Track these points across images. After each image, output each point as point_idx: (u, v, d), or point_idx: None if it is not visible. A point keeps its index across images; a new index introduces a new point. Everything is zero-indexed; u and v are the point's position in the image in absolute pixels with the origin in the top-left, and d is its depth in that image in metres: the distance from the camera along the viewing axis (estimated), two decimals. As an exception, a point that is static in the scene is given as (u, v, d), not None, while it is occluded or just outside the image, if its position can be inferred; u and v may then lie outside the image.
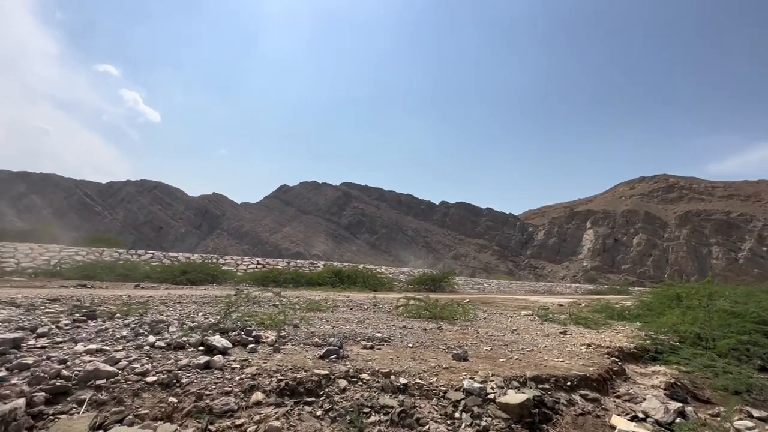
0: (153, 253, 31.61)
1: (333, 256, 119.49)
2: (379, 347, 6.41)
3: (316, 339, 6.45)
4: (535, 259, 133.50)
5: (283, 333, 6.57)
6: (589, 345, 8.06)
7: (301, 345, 6.08)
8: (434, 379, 4.95)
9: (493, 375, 5.27)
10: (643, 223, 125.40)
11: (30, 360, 4.28)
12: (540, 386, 5.23)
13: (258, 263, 33.32)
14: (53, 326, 6.09)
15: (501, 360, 6.22)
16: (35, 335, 5.47)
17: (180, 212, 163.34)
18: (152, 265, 27.56)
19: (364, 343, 6.56)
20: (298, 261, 37.85)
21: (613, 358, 7.20)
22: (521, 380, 5.25)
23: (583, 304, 18.92)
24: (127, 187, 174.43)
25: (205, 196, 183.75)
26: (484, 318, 12.14)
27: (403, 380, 4.79)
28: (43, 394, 3.64)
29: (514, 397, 4.63)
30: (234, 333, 6.00)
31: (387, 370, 5.03)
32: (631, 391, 6.02)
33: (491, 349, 7.03)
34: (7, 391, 3.60)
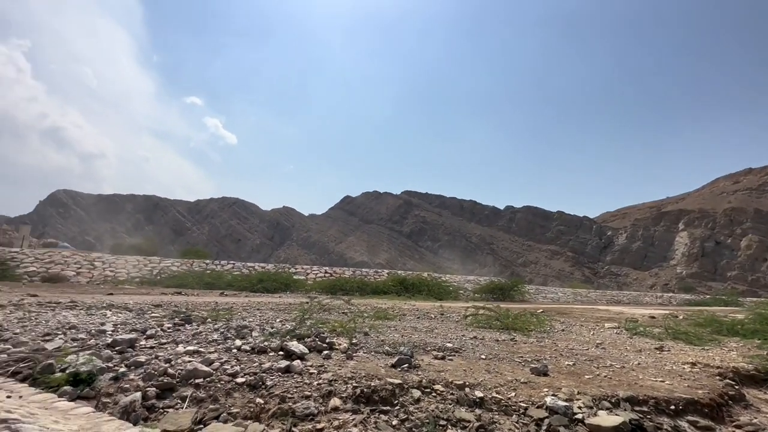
0: (234, 264, 34.61)
1: (396, 265, 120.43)
2: (450, 358, 6.26)
3: (387, 347, 6.49)
4: (617, 265, 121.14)
5: (354, 340, 6.73)
6: (693, 364, 7.04)
7: (373, 353, 6.16)
8: (512, 394, 4.69)
9: (579, 393, 4.84)
10: (753, 222, 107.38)
11: (142, 358, 4.89)
12: (636, 408, 4.67)
13: (326, 272, 34.75)
14: (159, 329, 6.93)
15: (587, 377, 5.70)
16: (145, 336, 6.26)
17: (255, 225, 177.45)
18: (233, 275, 30.16)
19: (434, 353, 6.46)
20: (363, 270, 38.75)
21: (728, 381, 6.20)
22: (613, 400, 4.75)
23: (681, 317, 16.65)
24: (211, 205, 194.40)
25: (276, 210, 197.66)
26: (562, 330, 11.27)
27: (479, 393, 4.61)
28: (154, 389, 4.13)
29: (606, 419, 4.19)
30: (309, 339, 6.28)
31: (461, 382, 4.88)
32: (755, 420, 5.11)
33: (574, 364, 6.48)
34: (127, 385, 4.15)
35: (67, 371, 4.29)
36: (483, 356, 6.57)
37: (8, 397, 3.66)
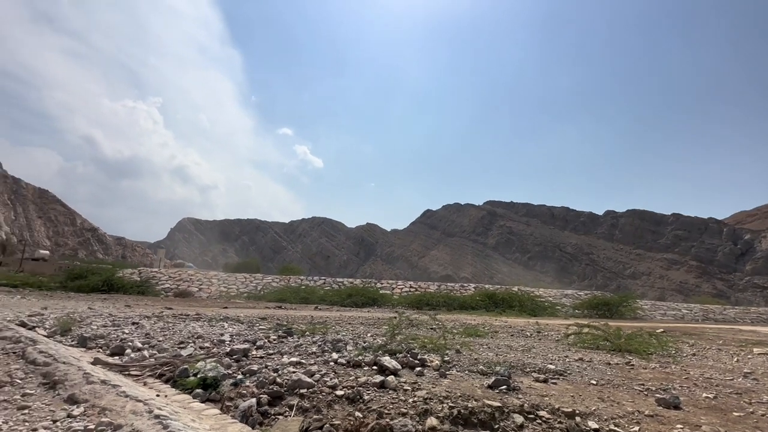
0: (324, 279, 36.83)
1: (482, 278, 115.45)
2: (554, 381, 5.71)
3: (481, 366, 6.19)
4: (762, 276, 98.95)
5: (446, 358, 6.57)
6: None
7: (466, 372, 5.93)
8: (636, 429, 4.07)
9: (726, 433, 4.00)
10: None
11: (255, 367, 5.43)
12: (816, 460, 3.68)
13: (411, 286, 34.86)
14: (266, 340, 7.65)
15: (735, 414, 4.70)
16: (256, 347, 6.95)
17: (342, 242, 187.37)
18: (325, 290, 32.06)
19: (535, 374, 5.96)
20: (448, 284, 37.94)
21: None
22: (778, 447, 3.81)
23: None
24: (302, 225, 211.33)
25: (360, 227, 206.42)
26: (693, 354, 9.52)
27: (593, 424, 4.10)
28: (266, 396, 4.53)
29: (770, 469, 3.37)
30: (401, 355, 6.31)
31: (570, 409, 4.40)
32: None
33: (714, 396, 5.41)
34: (245, 391, 4.63)
35: (198, 376, 4.97)
36: (593, 381, 5.86)
37: (157, 395, 4.36)
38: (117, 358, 6.16)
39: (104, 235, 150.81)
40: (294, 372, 5.18)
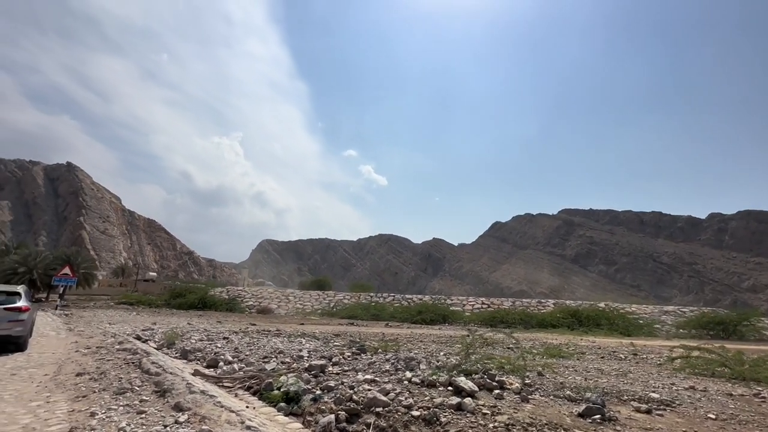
0: (394, 296, 36.98)
1: (561, 293, 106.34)
2: (659, 412, 4.99)
3: (568, 391, 5.66)
4: None
5: (527, 380, 6.13)
6: None
7: (551, 397, 5.45)
8: (776, 477, 3.36)
9: None
10: None
11: (332, 383, 5.59)
12: None
13: (483, 303, 33.42)
14: (341, 357, 7.86)
15: None
16: (332, 363, 7.17)
17: (409, 258, 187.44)
18: (394, 306, 32.15)
19: (634, 403, 5.28)
20: (524, 300, 35.65)
21: None
22: None
23: None
24: (370, 242, 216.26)
25: (427, 242, 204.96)
26: None
27: (715, 467, 3.48)
28: (344, 413, 4.62)
29: None
30: (477, 376, 6.03)
31: (683, 447, 3.79)
32: None
33: None
34: (324, 407, 4.78)
35: (281, 390, 5.25)
36: (711, 415, 5.00)
37: (247, 407, 4.69)
38: (212, 370, 6.78)
39: (198, 257, 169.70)
40: (369, 390, 5.23)
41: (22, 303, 8.05)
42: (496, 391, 5.43)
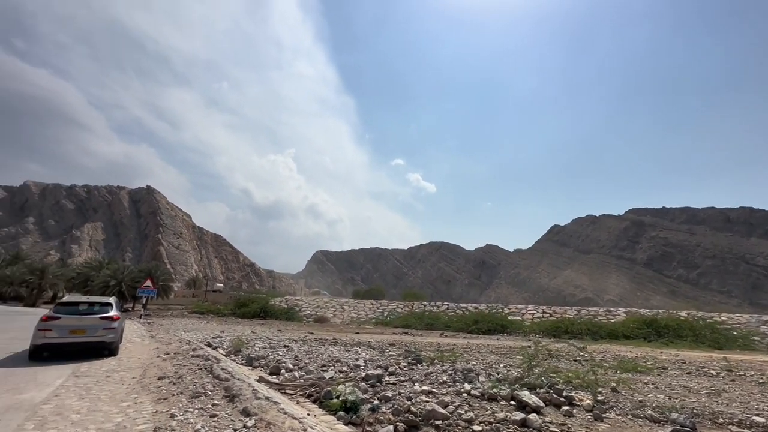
0: (448, 305, 36.20)
1: (634, 301, 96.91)
2: (766, 440, 4.31)
3: (650, 411, 5.10)
4: None
5: (600, 397, 5.63)
6: None
7: (629, 416, 4.95)
8: None
9: None
10: None
11: (389, 393, 5.56)
12: None
13: (544, 312, 31.54)
14: (397, 367, 7.82)
15: None
16: (388, 373, 7.16)
17: (462, 266, 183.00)
18: (449, 316, 31.42)
19: (733, 428, 4.62)
20: (590, 308, 33.05)
21: None
22: None
23: None
24: (421, 250, 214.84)
25: (480, 249, 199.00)
26: None
27: None
28: (403, 424, 4.56)
29: None
30: (542, 390, 5.67)
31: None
32: None
33: None
34: (382, 417, 4.76)
35: (340, 398, 5.33)
36: (837, 446, 4.22)
37: (308, 414, 4.82)
38: (275, 377, 7.08)
39: (259, 268, 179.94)
40: (427, 402, 5.13)
41: (113, 312, 9.07)
42: (565, 408, 5.06)
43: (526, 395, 5.25)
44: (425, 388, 5.95)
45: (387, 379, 6.70)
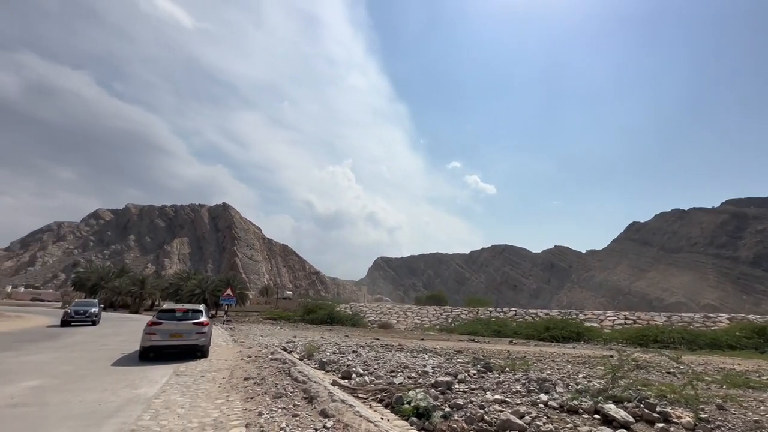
0: (515, 311, 34.52)
1: (738, 306, 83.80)
2: None
3: (768, 433, 4.44)
4: None
5: (702, 414, 5.03)
6: None
7: (742, 438, 4.36)
8: None
9: None
10: None
11: (461, 401, 5.50)
12: None
13: (625, 318, 28.70)
14: (466, 374, 7.68)
15: None
16: (457, 380, 7.06)
17: (528, 269, 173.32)
18: (517, 322, 29.94)
19: None
20: (683, 314, 29.37)
21: None
22: None
23: None
24: (483, 254, 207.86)
25: (548, 251, 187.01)
26: None
27: None
28: (477, 433, 4.49)
29: None
30: (631, 405, 5.21)
31: None
32: None
33: None
34: (455, 425, 4.73)
35: (411, 404, 5.39)
36: None
37: (381, 418, 4.96)
38: (346, 381, 7.36)
39: (324, 276, 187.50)
40: (501, 411, 4.99)
41: (203, 318, 10.14)
42: (659, 425, 4.61)
43: (612, 409, 4.87)
44: (498, 397, 5.78)
45: (456, 386, 6.62)
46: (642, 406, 5.13)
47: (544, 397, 5.73)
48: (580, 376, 7.98)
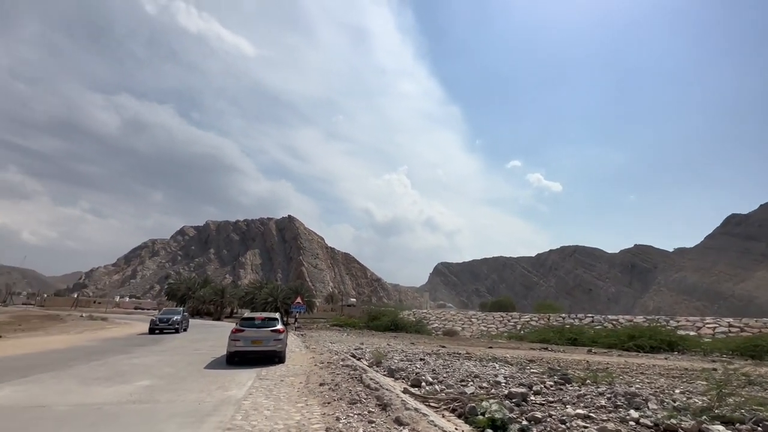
0: (592, 317, 31.85)
1: None
2: None
3: None
4: None
5: (842, 443, 4.26)
6: None
7: None
8: None
9: None
10: None
11: (538, 414, 5.25)
12: None
13: (730, 325, 25.05)
14: (542, 386, 7.30)
15: None
16: (533, 392, 6.74)
17: (604, 271, 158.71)
18: (595, 329, 27.58)
19: None
20: (808, 321, 24.84)
21: None
22: None
23: None
24: (551, 256, 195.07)
25: (626, 250, 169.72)
26: None
27: None
28: (560, 449, 4.27)
29: None
30: (745, 426, 4.58)
31: None
32: None
33: None
34: (534, 439, 4.54)
35: (486, 415, 5.27)
36: None
37: (455, 429, 4.92)
38: (416, 389, 7.40)
39: (385, 283, 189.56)
40: (585, 427, 4.69)
41: (280, 326, 10.87)
42: (783, 452, 4.00)
43: (720, 430, 4.33)
44: (580, 411, 5.43)
45: (532, 398, 6.33)
46: (759, 429, 4.50)
47: (634, 413, 5.26)
48: (677, 391, 7.16)
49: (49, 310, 62.13)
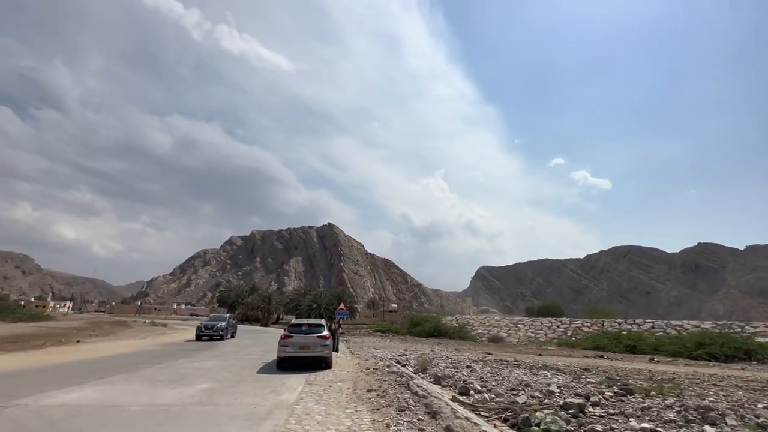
0: (653, 322, 29.53)
1: None
2: None
3: None
4: None
5: None
6: None
7: None
8: None
9: None
10: None
11: (599, 427, 4.95)
12: None
13: (820, 332, 22.20)
14: (600, 396, 6.88)
15: None
16: (591, 403, 6.37)
17: (664, 273, 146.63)
18: (657, 336, 25.54)
19: None
20: None
21: None
22: None
23: None
24: (602, 257, 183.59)
25: (688, 250, 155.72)
26: None
27: None
28: (625, 466, 4.00)
29: None
30: None
31: None
32: None
33: None
34: (596, 454, 4.29)
35: (540, 426, 5.06)
36: None
37: (509, 439, 4.76)
38: (464, 397, 7.25)
39: (426, 288, 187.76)
40: (653, 442, 4.36)
41: (325, 332, 11.13)
42: None
43: (815, 451, 3.86)
44: (646, 425, 5.06)
45: (590, 410, 5.99)
46: None
47: (710, 429, 4.82)
48: (759, 406, 6.47)
49: (117, 316, 67.98)
